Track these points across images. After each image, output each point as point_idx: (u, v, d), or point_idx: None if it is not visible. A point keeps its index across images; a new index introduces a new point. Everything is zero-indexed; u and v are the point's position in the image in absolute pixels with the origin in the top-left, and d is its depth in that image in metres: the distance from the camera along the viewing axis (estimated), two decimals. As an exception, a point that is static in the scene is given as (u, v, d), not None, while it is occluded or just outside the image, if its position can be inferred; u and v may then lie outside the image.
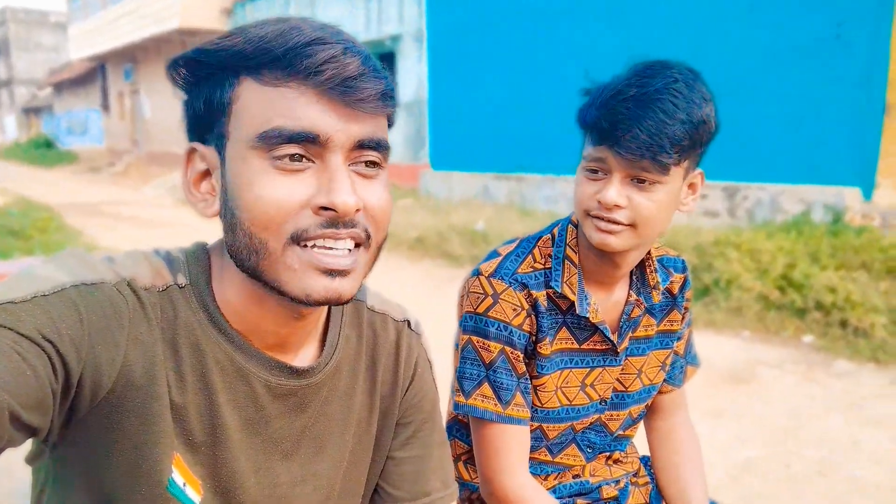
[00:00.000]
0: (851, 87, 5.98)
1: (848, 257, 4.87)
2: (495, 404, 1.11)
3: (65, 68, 31.09)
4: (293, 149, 0.64)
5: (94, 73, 26.71)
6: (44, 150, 29.64)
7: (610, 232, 1.05)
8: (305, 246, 0.65)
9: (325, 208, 0.64)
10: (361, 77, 0.64)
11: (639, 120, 0.99)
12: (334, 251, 0.66)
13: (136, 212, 12.08)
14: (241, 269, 0.69)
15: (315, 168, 0.65)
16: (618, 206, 1.03)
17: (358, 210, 0.66)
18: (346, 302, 0.68)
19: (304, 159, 0.64)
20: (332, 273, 0.66)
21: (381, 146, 0.68)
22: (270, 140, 0.63)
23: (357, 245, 0.68)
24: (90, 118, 27.86)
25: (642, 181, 1.03)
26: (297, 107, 0.63)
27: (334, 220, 0.65)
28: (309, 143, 0.64)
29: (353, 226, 0.66)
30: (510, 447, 1.12)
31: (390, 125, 0.73)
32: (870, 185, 5.99)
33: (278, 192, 0.64)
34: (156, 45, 20.06)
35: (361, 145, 0.66)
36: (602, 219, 1.05)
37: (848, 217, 5.76)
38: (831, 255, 4.96)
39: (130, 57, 22.38)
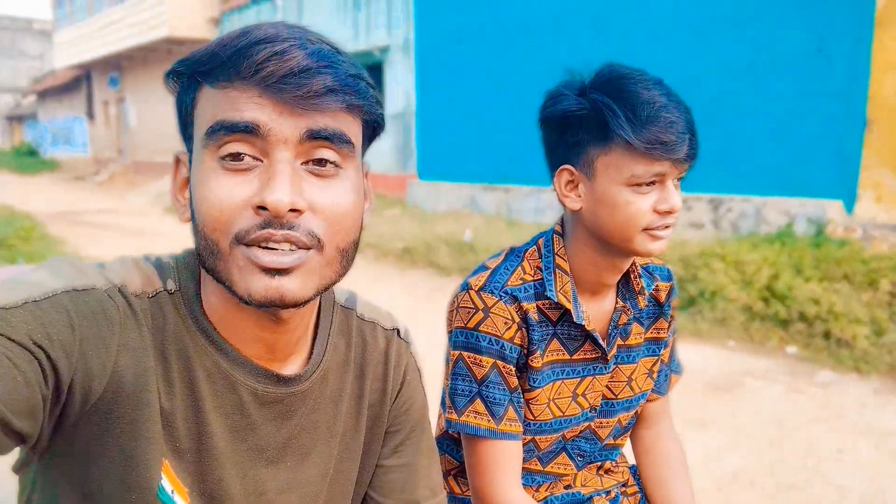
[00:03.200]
0: (833, 101, 6.07)
1: (830, 269, 4.93)
2: (488, 420, 1.10)
3: (49, 76, 30.86)
4: (237, 145, 0.63)
5: (79, 81, 26.53)
6: (27, 158, 29.39)
7: (665, 237, 1.08)
8: (249, 245, 0.64)
9: (263, 207, 0.63)
10: (306, 72, 0.62)
11: (685, 124, 1.02)
12: (275, 249, 0.64)
13: (120, 221, 11.99)
14: (205, 270, 0.69)
15: (262, 167, 0.64)
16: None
17: (296, 210, 0.63)
18: (295, 305, 0.65)
19: (249, 158, 0.64)
20: (270, 272, 0.64)
21: (334, 138, 0.65)
22: (215, 135, 0.63)
23: (308, 250, 0.65)
24: (75, 126, 27.65)
25: (681, 179, 1.08)
26: (240, 102, 0.63)
27: (270, 220, 0.63)
28: (251, 136, 0.63)
29: (291, 227, 0.63)
30: (503, 463, 1.11)
31: (377, 130, 0.72)
32: (851, 198, 6.08)
33: (221, 191, 0.64)
34: (142, 53, 19.98)
35: (312, 136, 0.64)
36: (658, 228, 1.06)
37: (830, 229, 5.83)
38: (814, 266, 5.02)
39: (116, 65, 22.26)
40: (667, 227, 1.07)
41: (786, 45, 6.35)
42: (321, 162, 0.66)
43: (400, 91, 11.54)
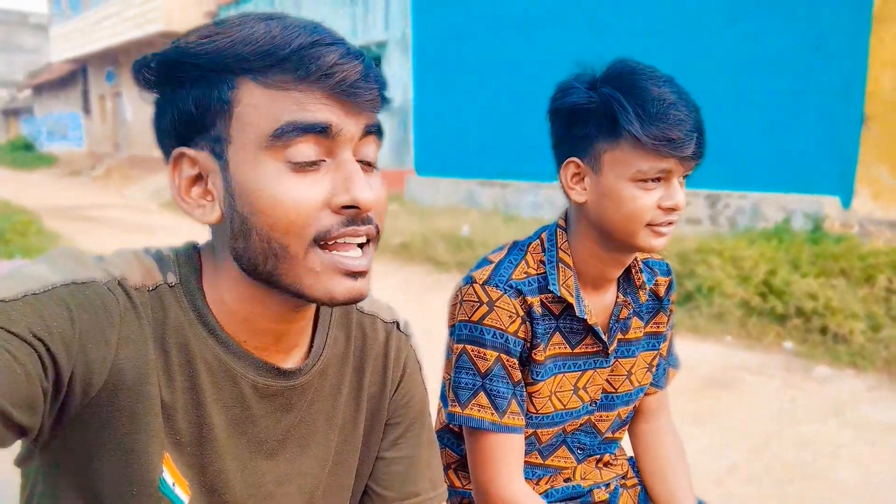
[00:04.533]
0: (831, 98, 6.08)
1: (827, 264, 4.94)
2: (492, 413, 1.11)
3: (45, 70, 30.73)
4: (307, 146, 0.64)
5: (76, 76, 26.43)
6: (23, 153, 29.25)
7: (668, 233, 1.08)
8: (326, 247, 0.66)
9: (347, 206, 0.65)
10: (365, 79, 0.65)
11: (694, 123, 1.02)
12: (353, 252, 0.67)
13: (116, 215, 11.96)
14: (251, 273, 0.68)
15: (327, 166, 0.65)
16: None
17: (374, 205, 0.67)
18: (363, 298, 0.70)
19: (316, 160, 0.65)
20: (354, 275, 0.67)
21: (379, 133, 0.70)
22: (284, 136, 0.63)
23: (367, 241, 0.69)
24: (71, 121, 27.55)
25: (686, 176, 1.08)
26: (308, 103, 0.63)
27: (355, 217, 0.65)
28: (321, 136, 0.64)
29: (370, 222, 0.67)
30: (505, 456, 1.11)
31: None
32: (848, 194, 6.09)
33: (297, 193, 0.64)
34: (139, 48, 19.88)
35: (368, 131, 0.68)
36: (661, 224, 1.07)
37: (827, 225, 5.85)
38: (811, 262, 5.03)
39: (112, 59, 22.18)
40: (670, 223, 1.07)
41: (784, 41, 6.35)
42: (366, 163, 0.69)
43: (398, 86, 11.52)
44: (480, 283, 1.12)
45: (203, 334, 0.71)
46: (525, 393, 1.15)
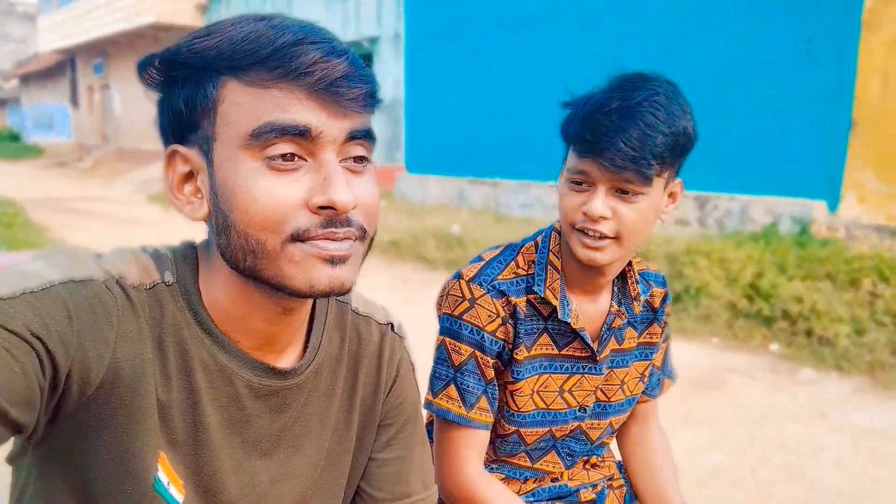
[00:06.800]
0: (819, 102, 6.13)
1: (814, 268, 4.99)
2: (459, 406, 1.13)
3: (32, 60, 30.38)
4: (286, 146, 0.63)
5: (64, 66, 26.16)
6: (9, 144, 28.94)
7: (596, 248, 1.07)
8: (304, 241, 0.65)
9: (324, 207, 0.64)
10: (349, 78, 0.64)
11: (622, 132, 1.00)
12: (334, 239, 0.66)
13: (103, 208, 11.86)
14: (235, 269, 0.68)
15: (308, 166, 0.65)
16: (603, 218, 1.05)
17: (354, 207, 0.66)
18: (347, 291, 0.68)
19: (296, 158, 0.64)
20: (333, 260, 0.66)
21: (369, 135, 0.69)
22: (263, 136, 0.63)
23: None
24: (58, 112, 27.28)
25: (625, 192, 1.05)
26: (288, 103, 0.63)
27: (332, 218, 0.65)
28: (301, 139, 0.64)
29: (349, 224, 0.66)
30: (465, 446, 1.14)
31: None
32: (835, 198, 6.15)
33: (274, 192, 0.64)
34: (128, 39, 19.74)
35: (353, 136, 0.67)
36: (587, 233, 1.07)
37: (814, 229, 5.90)
38: (798, 265, 5.08)
39: (101, 51, 21.97)
40: (599, 237, 1.06)
41: (773, 45, 6.40)
42: (359, 160, 0.68)
43: (389, 83, 11.49)
44: (466, 279, 1.15)
45: (199, 333, 0.71)
46: (506, 391, 1.17)
